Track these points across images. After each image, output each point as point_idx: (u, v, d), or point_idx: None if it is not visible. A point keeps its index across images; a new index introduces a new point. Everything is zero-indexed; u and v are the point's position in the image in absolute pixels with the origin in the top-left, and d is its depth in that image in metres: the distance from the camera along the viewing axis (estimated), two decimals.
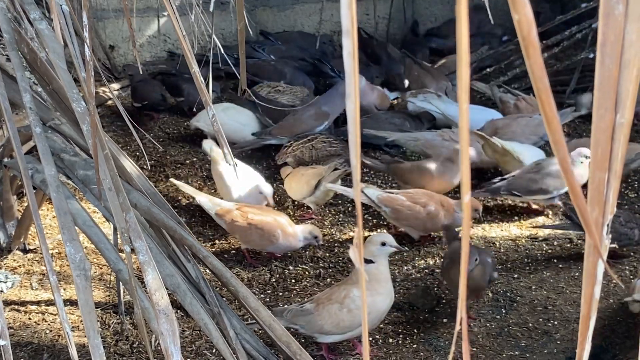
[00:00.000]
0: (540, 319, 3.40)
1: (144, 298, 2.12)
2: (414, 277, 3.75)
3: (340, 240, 4.12)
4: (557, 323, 3.37)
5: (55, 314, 3.44)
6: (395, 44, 6.63)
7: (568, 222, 3.86)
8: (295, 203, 4.44)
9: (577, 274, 3.74)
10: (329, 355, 3.19)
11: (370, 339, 3.30)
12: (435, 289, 3.63)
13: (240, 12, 2.34)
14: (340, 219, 4.33)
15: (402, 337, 3.33)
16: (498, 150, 4.47)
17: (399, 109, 5.52)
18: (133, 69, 5.62)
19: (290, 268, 3.87)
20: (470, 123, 4.95)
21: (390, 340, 3.31)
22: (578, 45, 5.76)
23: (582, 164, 3.96)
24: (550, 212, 4.36)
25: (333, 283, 3.63)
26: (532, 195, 4.16)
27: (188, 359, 3.17)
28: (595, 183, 0.88)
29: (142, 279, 2.00)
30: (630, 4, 0.83)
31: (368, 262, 3.05)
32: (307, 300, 3.19)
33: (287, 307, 3.18)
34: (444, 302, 3.56)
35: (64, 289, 3.59)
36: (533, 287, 3.65)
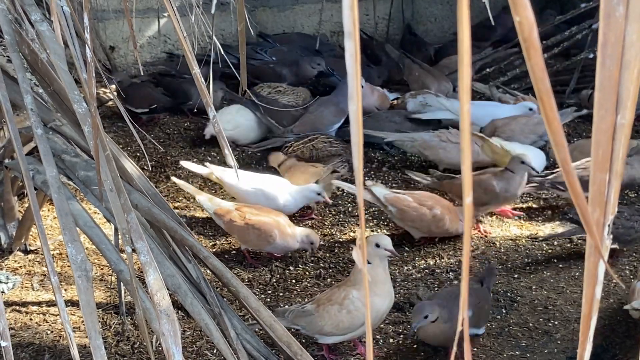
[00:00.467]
0: (541, 319, 3.40)
1: (145, 299, 2.13)
2: (414, 277, 3.75)
3: (341, 241, 4.12)
4: (557, 323, 3.38)
5: (57, 315, 3.44)
6: (395, 45, 6.63)
7: (575, 226, 3.86)
8: None
9: (577, 274, 3.74)
10: (330, 356, 3.19)
11: None
12: (436, 289, 3.63)
13: (241, 12, 2.35)
14: (341, 219, 4.33)
15: (402, 337, 3.33)
16: (498, 151, 4.46)
17: (399, 109, 5.52)
18: (120, 75, 5.52)
19: (291, 268, 3.87)
20: (485, 119, 4.94)
21: (391, 340, 3.31)
22: (578, 46, 5.76)
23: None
24: (550, 212, 4.36)
25: (333, 283, 3.63)
26: None
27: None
28: (597, 184, 0.89)
29: (143, 280, 2.00)
30: (631, 5, 0.83)
31: (367, 263, 3.06)
32: (308, 301, 3.19)
33: (288, 307, 3.19)
34: None
35: (65, 290, 3.59)
36: (533, 287, 3.65)
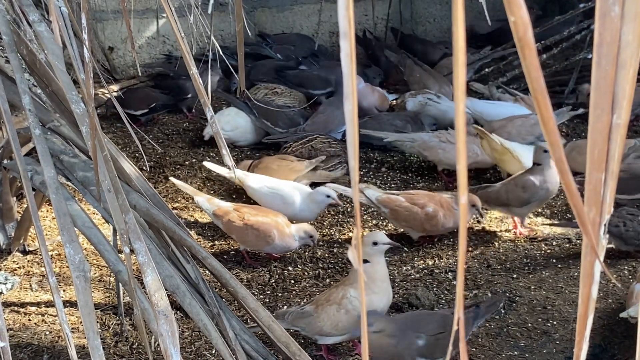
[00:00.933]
0: (540, 319, 3.40)
1: (144, 299, 2.13)
2: (413, 277, 3.75)
3: (339, 241, 4.12)
4: (556, 323, 3.38)
5: (55, 315, 3.44)
6: (393, 45, 6.63)
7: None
8: None
9: (576, 274, 3.74)
10: (329, 356, 3.19)
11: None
12: (435, 289, 3.63)
13: (239, 13, 2.35)
14: (339, 219, 4.33)
15: None
16: (497, 149, 4.45)
17: (399, 110, 5.52)
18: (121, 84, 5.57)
19: (290, 269, 3.87)
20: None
21: None
22: (577, 46, 5.77)
23: None
24: (549, 211, 4.36)
25: (332, 283, 3.63)
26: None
27: None
28: (593, 183, 0.89)
29: (141, 280, 2.00)
30: (627, 5, 0.83)
31: (364, 262, 3.06)
32: (307, 302, 3.19)
33: (288, 309, 3.19)
34: (443, 302, 3.56)
35: (64, 290, 3.59)
36: (532, 287, 3.65)
